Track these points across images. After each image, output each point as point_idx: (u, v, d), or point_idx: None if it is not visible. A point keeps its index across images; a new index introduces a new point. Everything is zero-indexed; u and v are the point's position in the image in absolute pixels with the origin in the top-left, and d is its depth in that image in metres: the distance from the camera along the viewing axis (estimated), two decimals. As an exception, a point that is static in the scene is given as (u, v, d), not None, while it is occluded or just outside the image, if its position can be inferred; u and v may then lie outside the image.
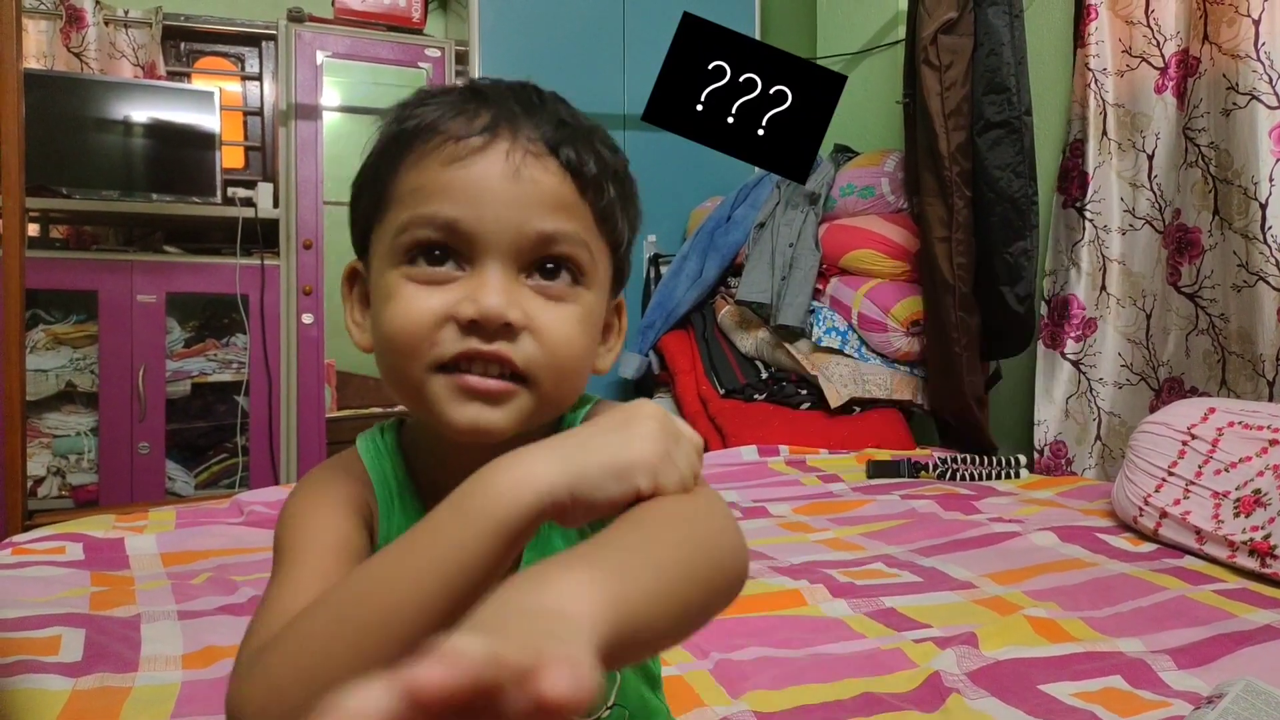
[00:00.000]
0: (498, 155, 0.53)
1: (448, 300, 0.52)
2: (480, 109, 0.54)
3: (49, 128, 2.70)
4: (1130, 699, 0.96)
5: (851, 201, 2.63)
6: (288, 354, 2.93)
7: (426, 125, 0.54)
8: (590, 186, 0.55)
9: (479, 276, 0.52)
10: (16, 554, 1.36)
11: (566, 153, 0.54)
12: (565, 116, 0.56)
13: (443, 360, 0.52)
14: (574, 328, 0.54)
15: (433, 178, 0.53)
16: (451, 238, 0.53)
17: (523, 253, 0.53)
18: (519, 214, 0.52)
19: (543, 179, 0.53)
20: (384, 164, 0.56)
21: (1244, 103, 1.86)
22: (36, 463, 2.68)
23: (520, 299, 0.53)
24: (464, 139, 0.52)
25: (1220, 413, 1.57)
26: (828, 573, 1.35)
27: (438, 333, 0.52)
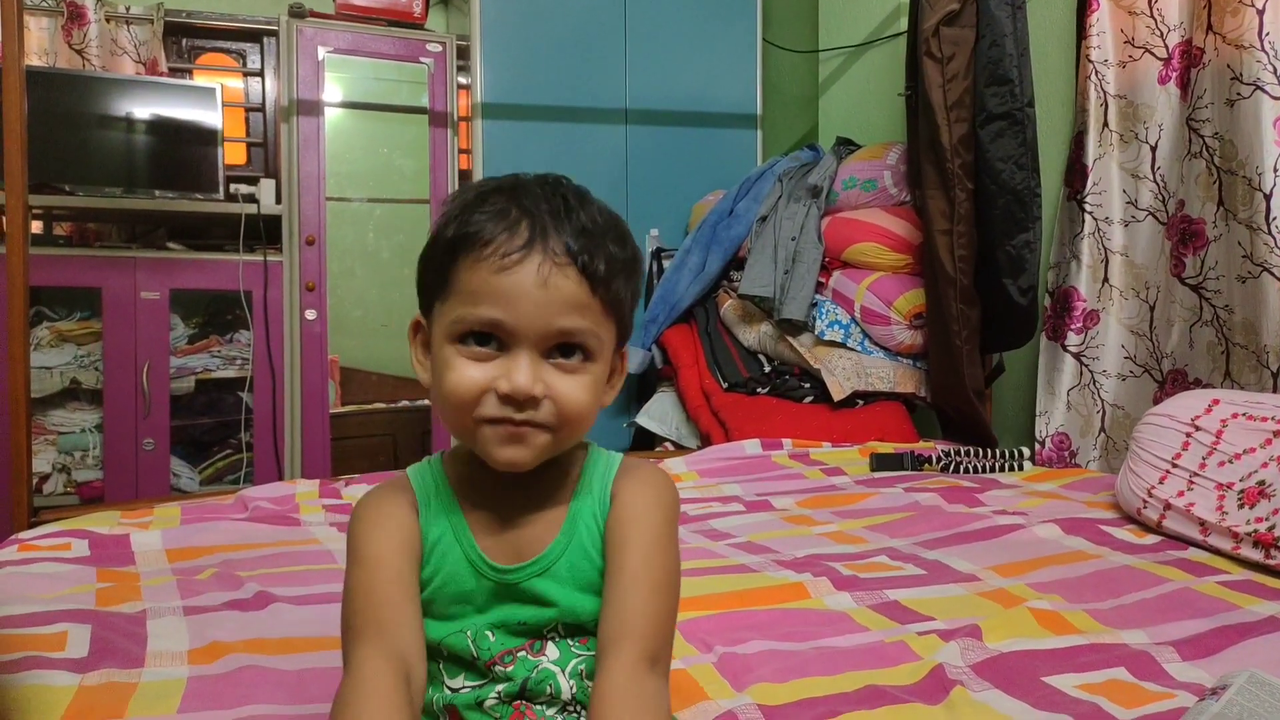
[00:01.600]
0: (531, 267, 0.68)
1: (489, 374, 0.70)
2: (521, 220, 0.69)
3: (52, 125, 2.71)
4: (1134, 691, 0.96)
5: (854, 194, 2.63)
6: (291, 350, 2.93)
7: (480, 237, 0.69)
8: (601, 285, 0.71)
9: (513, 359, 0.69)
10: (23, 550, 1.37)
11: (583, 259, 0.70)
12: (586, 222, 0.71)
13: (485, 419, 0.70)
14: (583, 393, 0.72)
15: (482, 282, 0.69)
16: (495, 328, 0.69)
17: (546, 340, 0.70)
18: (545, 314, 0.69)
19: (564, 285, 0.69)
20: (447, 258, 0.71)
21: (1248, 93, 1.85)
22: (42, 459, 2.69)
23: (542, 374, 0.70)
24: (507, 254, 0.68)
25: (1224, 404, 1.57)
26: (831, 566, 1.35)
27: (482, 397, 0.70)
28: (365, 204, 3.18)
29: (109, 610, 1.13)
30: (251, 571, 1.31)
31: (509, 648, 0.74)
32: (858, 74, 3.09)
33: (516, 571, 0.74)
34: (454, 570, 0.75)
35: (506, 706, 0.73)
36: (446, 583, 0.75)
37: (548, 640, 0.75)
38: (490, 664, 0.73)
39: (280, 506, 1.70)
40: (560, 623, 0.75)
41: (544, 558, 0.75)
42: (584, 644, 0.75)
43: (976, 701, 0.93)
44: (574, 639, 0.75)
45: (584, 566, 0.75)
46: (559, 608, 0.74)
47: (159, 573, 1.31)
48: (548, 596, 0.74)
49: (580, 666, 0.74)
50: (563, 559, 0.75)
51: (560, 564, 0.74)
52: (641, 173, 3.14)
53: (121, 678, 0.95)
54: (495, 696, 0.73)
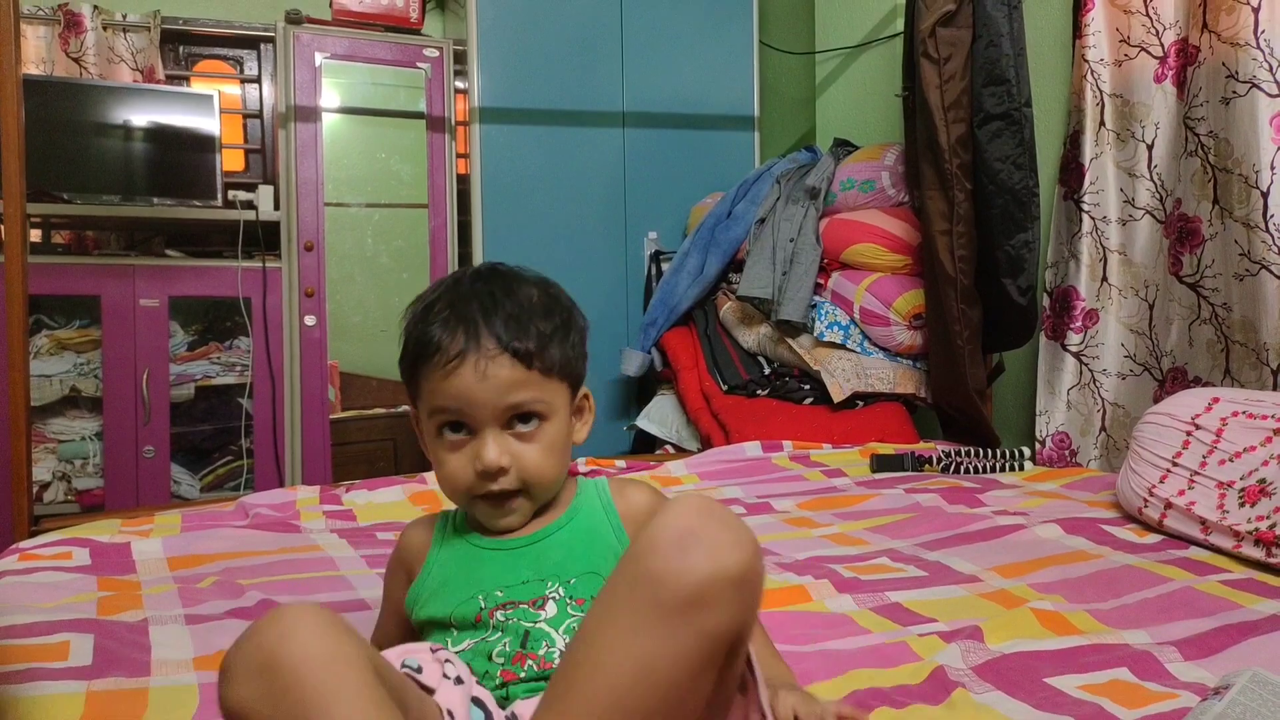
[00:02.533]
0: (469, 366, 0.82)
1: (466, 459, 0.85)
2: (456, 328, 0.83)
3: (49, 133, 2.71)
4: (1137, 691, 0.96)
5: (852, 195, 2.63)
6: (291, 356, 2.93)
7: (429, 349, 0.83)
8: (535, 359, 0.83)
9: (481, 440, 0.84)
10: (24, 559, 1.37)
11: (514, 347, 0.83)
12: (512, 310, 0.84)
13: (475, 497, 0.86)
14: (544, 454, 0.86)
15: (437, 386, 0.84)
16: (458, 418, 0.84)
17: (500, 417, 0.84)
18: (490, 399, 0.83)
19: (500, 373, 0.82)
20: (412, 368, 0.86)
21: (1244, 91, 1.86)
22: (42, 468, 2.69)
23: (507, 446, 0.84)
24: (449, 361, 0.82)
25: (1224, 402, 1.57)
26: (832, 568, 1.35)
27: (464, 478, 0.85)
28: (364, 209, 3.18)
29: (111, 619, 1.13)
30: (253, 579, 1.30)
31: (512, 599, 0.83)
32: (855, 75, 3.10)
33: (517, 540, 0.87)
34: (461, 560, 0.87)
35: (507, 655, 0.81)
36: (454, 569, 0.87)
37: (549, 599, 0.83)
38: (492, 612, 0.82)
39: (281, 513, 1.70)
40: (561, 578, 0.84)
41: (546, 529, 0.87)
42: (580, 604, 0.82)
43: (978, 703, 0.93)
44: (572, 599, 0.83)
45: (586, 535, 0.87)
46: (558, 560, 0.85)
47: (160, 581, 1.31)
48: (550, 553, 0.85)
49: (574, 625, 0.81)
50: (564, 530, 0.87)
51: (562, 532, 0.87)
52: (639, 175, 3.14)
53: (130, 685, 0.95)
54: (502, 646, 0.81)
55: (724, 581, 0.61)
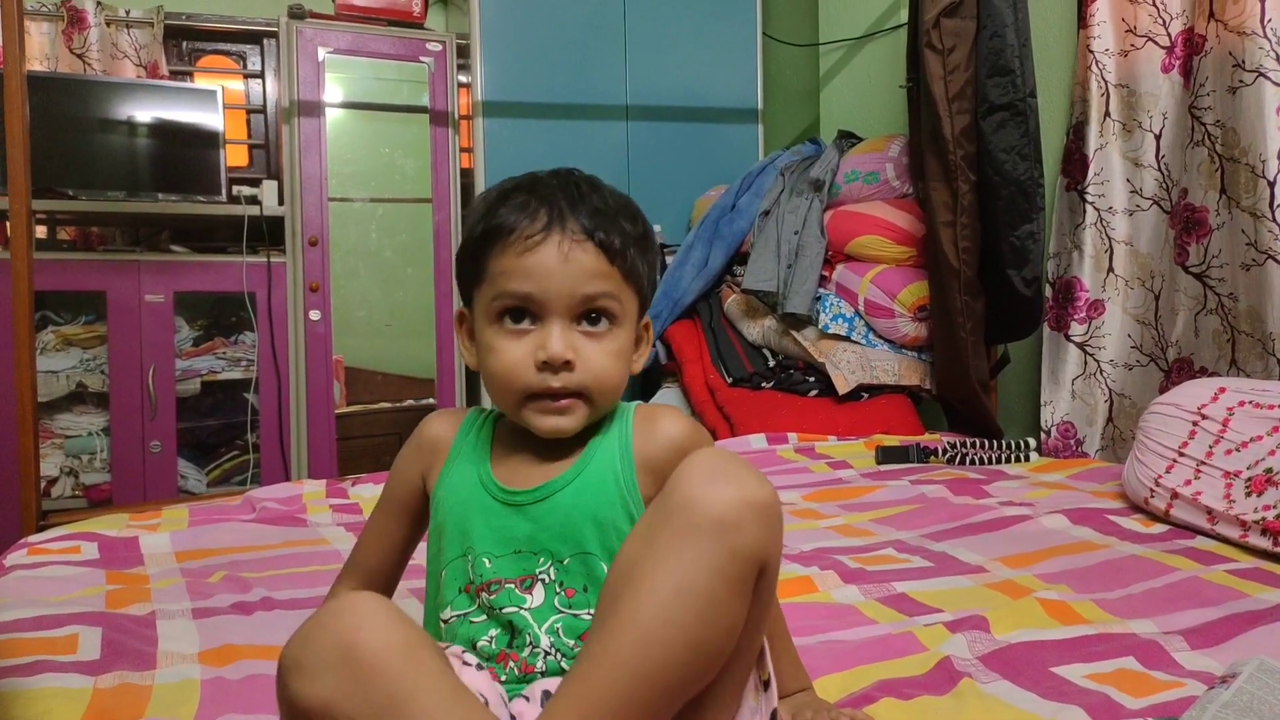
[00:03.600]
0: (553, 246, 0.78)
1: (527, 348, 0.79)
2: (539, 208, 0.78)
3: (53, 130, 2.71)
4: (1143, 680, 0.96)
5: (856, 187, 2.63)
6: (296, 351, 2.93)
7: (506, 225, 0.78)
8: (618, 257, 0.79)
9: (546, 330, 0.78)
10: (32, 554, 1.37)
11: (600, 236, 0.78)
12: (599, 204, 0.80)
13: (530, 393, 0.79)
14: (611, 358, 0.81)
15: (511, 264, 0.78)
16: (526, 303, 0.79)
17: (573, 308, 0.79)
18: (569, 285, 0.78)
19: (583, 258, 0.78)
20: (479, 250, 0.81)
21: (1251, 80, 1.85)
22: (49, 463, 2.70)
23: (574, 341, 0.79)
24: (530, 236, 0.78)
25: (1230, 392, 1.57)
26: (838, 559, 1.35)
27: (523, 373, 0.79)
28: (367, 204, 3.18)
29: (119, 612, 1.14)
30: (260, 573, 1.31)
31: (500, 577, 0.79)
32: (858, 67, 3.09)
33: (524, 494, 0.81)
34: (465, 501, 0.82)
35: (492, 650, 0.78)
36: (457, 505, 0.83)
37: (538, 581, 0.79)
38: (479, 589, 0.79)
39: (287, 507, 1.70)
40: (552, 555, 0.79)
41: (551, 483, 0.81)
42: (570, 597, 0.78)
43: (985, 692, 0.93)
44: (562, 587, 0.79)
45: (591, 498, 0.80)
46: (553, 533, 0.79)
47: (168, 574, 1.31)
48: (549, 517, 0.80)
49: (558, 625, 0.78)
50: (569, 487, 0.81)
51: (566, 491, 0.80)
52: (643, 169, 3.14)
53: (135, 680, 0.96)
54: (488, 639, 0.78)
55: (750, 507, 0.67)
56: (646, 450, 0.83)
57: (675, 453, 0.80)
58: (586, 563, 0.79)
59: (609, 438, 0.84)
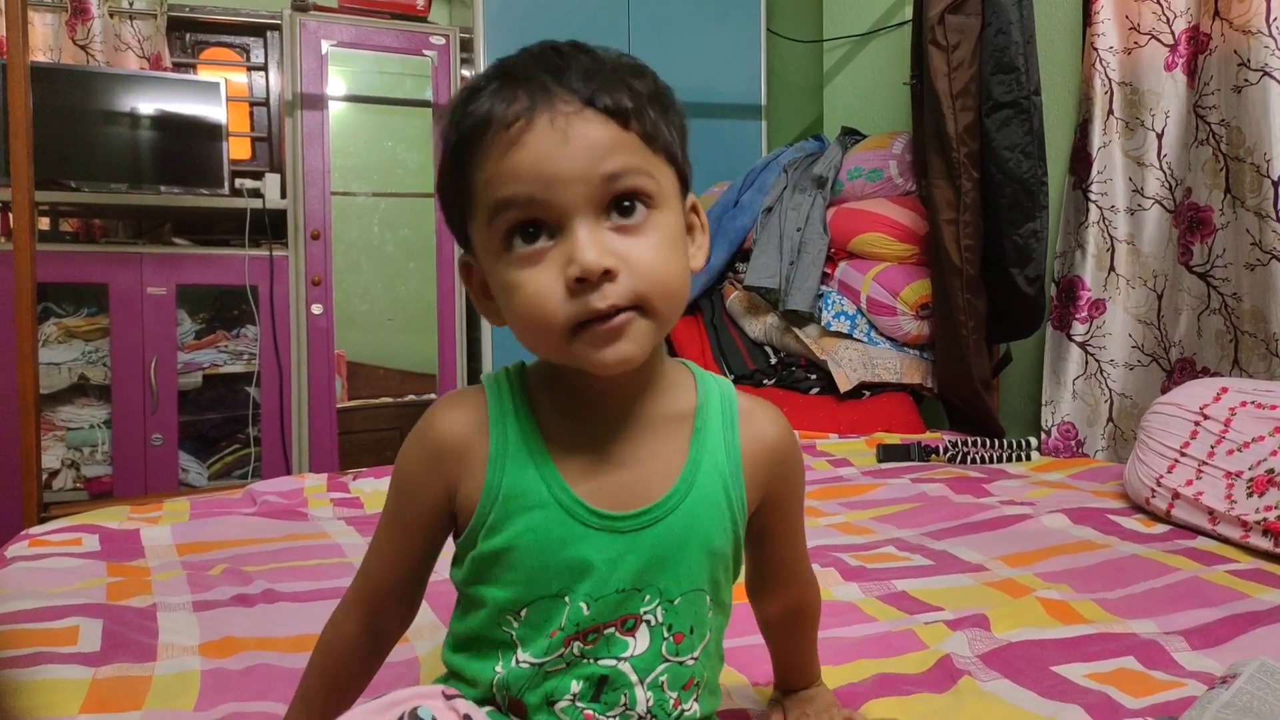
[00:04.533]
0: (543, 127, 0.59)
1: (554, 271, 0.60)
2: (515, 90, 0.60)
3: (56, 121, 2.71)
4: (1143, 680, 0.96)
5: (859, 184, 2.62)
6: (298, 345, 2.93)
7: (478, 122, 0.61)
8: (632, 118, 0.61)
9: (570, 239, 0.59)
10: (34, 546, 1.37)
11: (602, 100, 0.60)
12: (589, 65, 0.62)
13: (573, 326, 0.60)
14: (662, 252, 0.62)
15: (498, 168, 0.60)
16: (533, 211, 0.60)
17: (595, 200, 0.60)
18: (581, 168, 0.59)
19: (588, 131, 0.59)
20: (457, 167, 0.63)
21: (1256, 79, 1.84)
22: (51, 455, 2.70)
23: (609, 243, 0.60)
24: (512, 124, 0.59)
25: (1233, 392, 1.57)
26: (839, 557, 1.35)
27: (558, 304, 0.60)
28: (370, 198, 3.18)
29: (120, 604, 1.14)
30: (261, 566, 1.31)
31: (600, 621, 0.64)
32: (862, 63, 3.08)
33: (627, 519, 0.65)
34: (545, 529, 0.64)
35: (576, 711, 0.65)
36: (528, 532, 0.65)
37: (641, 622, 0.65)
38: (571, 639, 0.64)
39: (289, 501, 1.70)
40: (661, 596, 0.65)
41: (662, 504, 0.65)
42: (678, 641, 0.65)
43: (985, 691, 0.93)
44: (670, 631, 0.66)
45: (703, 522, 0.66)
46: (666, 567, 0.65)
47: (169, 567, 1.31)
48: (659, 547, 0.65)
49: (663, 677, 0.66)
50: (680, 509, 0.65)
51: (677, 515, 0.65)
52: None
53: (135, 671, 0.96)
54: (569, 698, 0.64)
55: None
56: (753, 454, 0.69)
57: (776, 465, 0.70)
58: (695, 600, 0.67)
59: (713, 429, 0.68)
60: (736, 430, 0.69)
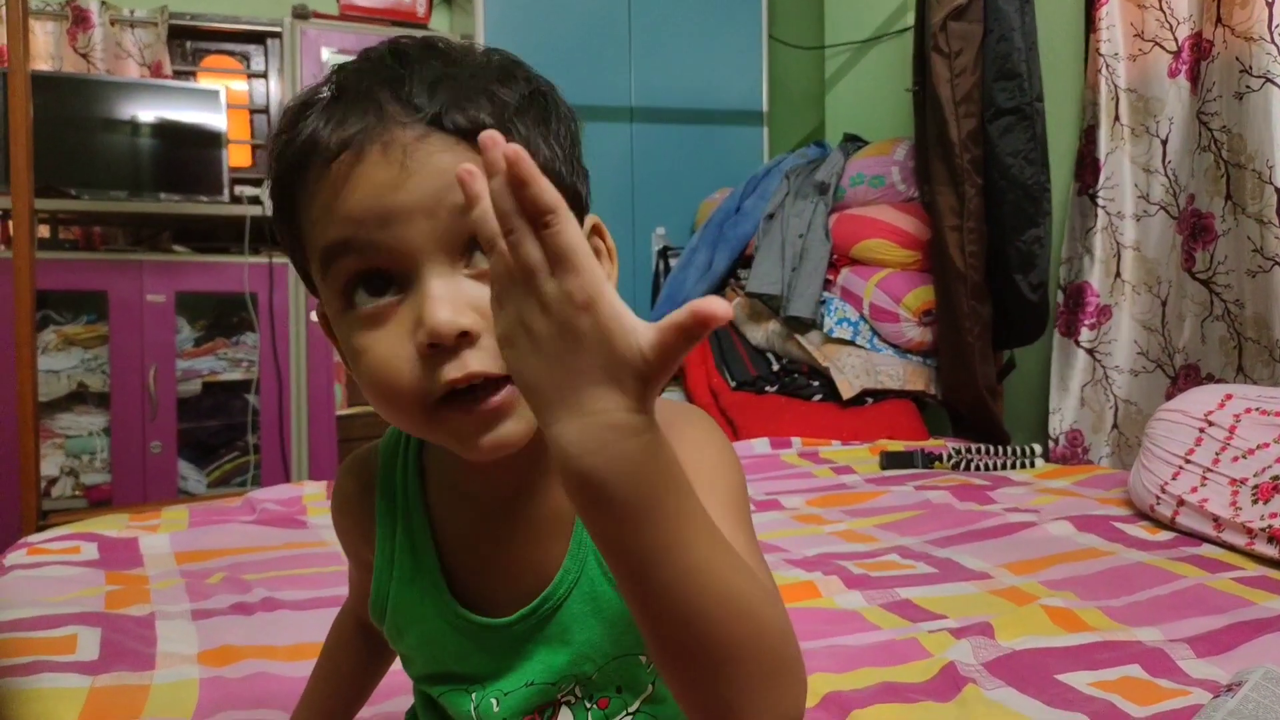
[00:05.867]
0: (374, 159, 0.49)
1: (401, 333, 0.50)
2: (345, 111, 0.50)
3: (57, 129, 2.71)
4: (1148, 688, 0.95)
5: (861, 191, 2.62)
6: (297, 352, 2.93)
7: (299, 151, 0.51)
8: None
9: (420, 292, 0.49)
10: (32, 554, 1.37)
11: (451, 119, 0.49)
12: (439, 72, 0.50)
13: (431, 401, 0.50)
14: None
15: (325, 206, 0.50)
16: (372, 259, 0.50)
17: (447, 240, 0.49)
18: (422, 202, 0.48)
19: (433, 159, 0.49)
20: (283, 201, 0.53)
21: (1257, 85, 1.84)
22: (49, 463, 2.69)
23: (469, 294, 0.49)
24: (335, 156, 0.49)
25: (1237, 399, 1.56)
26: (842, 564, 1.34)
27: (407, 376, 0.50)
28: (371, 205, 3.18)
29: (118, 613, 1.13)
30: (260, 574, 1.30)
31: (513, 717, 0.59)
32: (864, 70, 3.08)
33: (512, 626, 0.57)
34: (434, 636, 0.59)
35: None
36: (424, 645, 0.60)
37: (561, 705, 0.59)
38: None
39: (287, 508, 1.70)
40: (575, 678, 0.58)
41: (548, 597, 0.57)
42: (603, 707, 0.59)
43: (989, 699, 0.93)
44: (591, 700, 0.59)
45: (602, 596, 0.57)
46: (572, 654, 0.58)
47: (167, 575, 1.31)
48: (556, 644, 0.58)
49: None
50: (574, 593, 0.57)
51: (572, 601, 0.57)
52: (647, 171, 3.13)
53: (133, 680, 0.95)
54: None
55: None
56: None
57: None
58: (621, 665, 0.58)
59: None
60: None
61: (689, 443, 0.54)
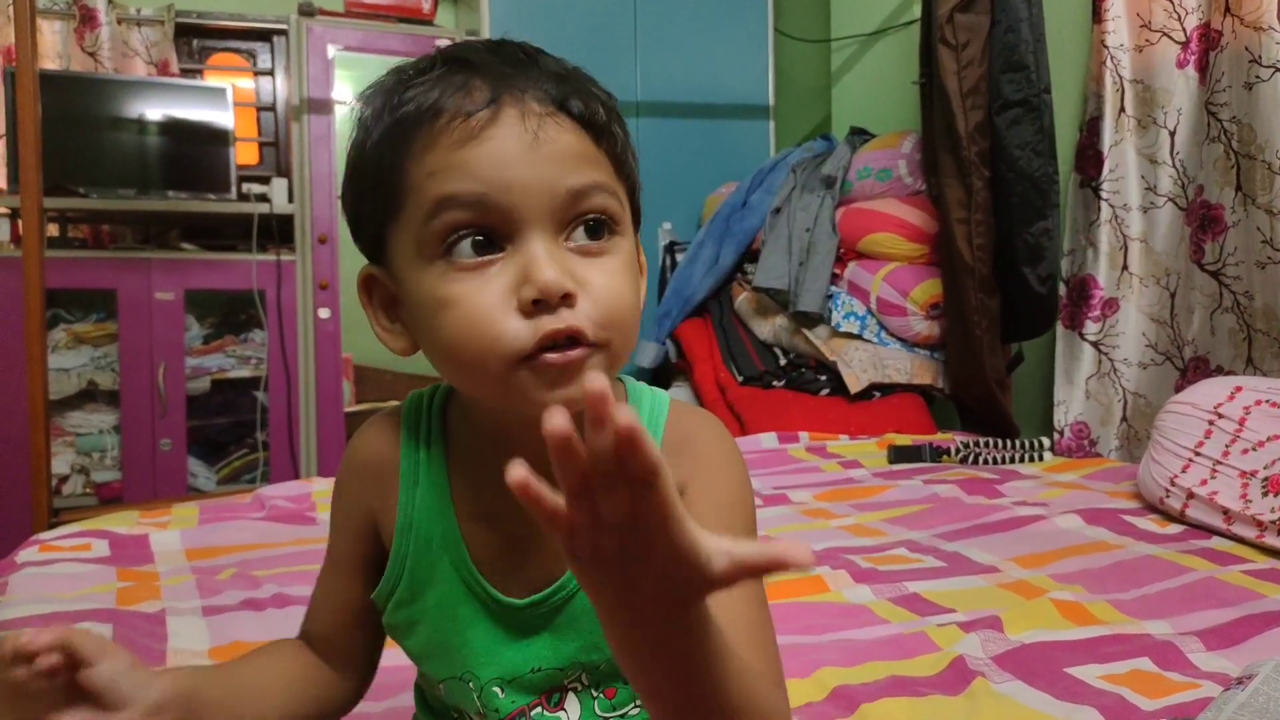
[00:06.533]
0: (511, 123, 0.52)
1: (503, 286, 0.52)
2: (474, 79, 0.53)
3: (65, 128, 2.72)
4: (1158, 681, 0.95)
5: (868, 184, 2.61)
6: (305, 349, 2.94)
7: (427, 108, 0.52)
8: (604, 134, 0.55)
9: (525, 252, 0.52)
10: (44, 551, 1.38)
11: (575, 105, 0.53)
12: (557, 68, 0.55)
13: (525, 353, 0.51)
14: (622, 280, 0.55)
15: (449, 159, 0.52)
16: (485, 216, 0.52)
17: (557, 214, 0.53)
18: (547, 177, 0.52)
19: (561, 137, 0.53)
20: (388, 156, 0.54)
21: (1267, 75, 1.83)
22: (60, 461, 2.70)
23: (568, 264, 0.53)
24: (472, 114, 0.51)
25: (1247, 391, 1.55)
26: (850, 559, 1.34)
27: (506, 325, 0.51)
28: (377, 202, 3.18)
29: (129, 609, 1.14)
30: (270, 571, 1.31)
31: (521, 705, 0.60)
32: (871, 63, 3.07)
33: (530, 608, 0.59)
34: (447, 601, 0.60)
35: None
36: (434, 611, 0.60)
37: (568, 692, 0.60)
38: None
39: (297, 505, 1.70)
40: (583, 666, 0.60)
41: (561, 586, 0.58)
42: (610, 697, 0.60)
43: (998, 693, 0.93)
44: (599, 689, 0.61)
45: None
46: (581, 642, 0.59)
47: (178, 572, 1.31)
48: (569, 635, 0.59)
49: None
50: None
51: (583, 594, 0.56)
52: (653, 165, 3.13)
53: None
54: None
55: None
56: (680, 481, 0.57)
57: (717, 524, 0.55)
58: None
59: None
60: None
61: (713, 467, 0.58)
